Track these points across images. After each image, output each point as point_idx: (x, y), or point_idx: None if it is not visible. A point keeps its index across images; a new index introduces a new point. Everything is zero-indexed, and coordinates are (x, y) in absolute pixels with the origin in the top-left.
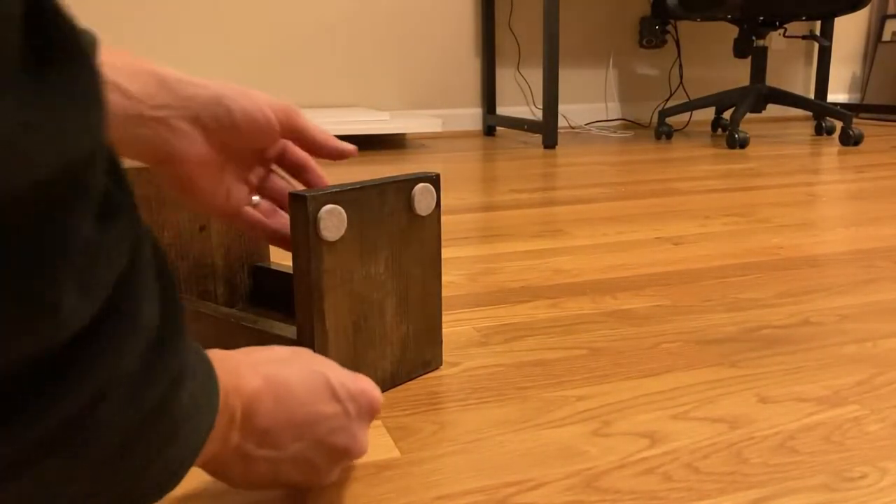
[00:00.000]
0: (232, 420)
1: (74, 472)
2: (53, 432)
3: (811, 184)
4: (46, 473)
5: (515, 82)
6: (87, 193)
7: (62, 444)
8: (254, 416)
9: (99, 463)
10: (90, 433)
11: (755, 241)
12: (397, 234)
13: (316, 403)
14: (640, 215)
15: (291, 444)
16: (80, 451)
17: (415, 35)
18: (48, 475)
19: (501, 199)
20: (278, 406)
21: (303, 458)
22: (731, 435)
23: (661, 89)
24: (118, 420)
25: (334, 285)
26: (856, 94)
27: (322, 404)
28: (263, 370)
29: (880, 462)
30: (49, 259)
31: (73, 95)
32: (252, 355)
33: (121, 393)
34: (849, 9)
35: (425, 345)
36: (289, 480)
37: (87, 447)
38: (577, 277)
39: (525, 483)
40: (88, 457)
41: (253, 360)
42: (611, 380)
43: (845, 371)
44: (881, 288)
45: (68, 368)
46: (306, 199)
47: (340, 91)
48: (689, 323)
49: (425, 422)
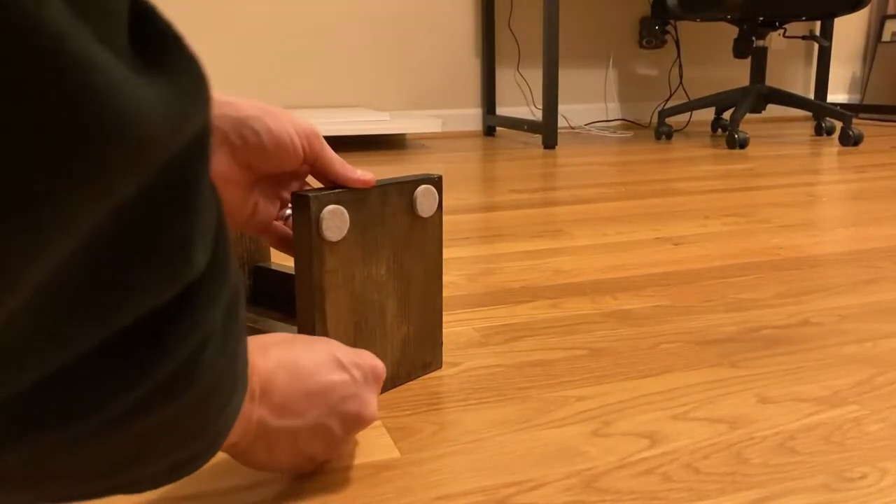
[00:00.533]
0: (252, 397)
1: (176, 419)
2: (173, 374)
3: (811, 184)
4: (158, 416)
5: (515, 82)
6: (208, 158)
7: (176, 387)
8: (271, 392)
9: (188, 411)
10: (194, 377)
11: (755, 242)
12: (399, 235)
13: (325, 374)
14: (640, 215)
15: (308, 413)
16: (182, 396)
17: (415, 35)
18: (160, 418)
19: (501, 199)
20: (292, 380)
21: (320, 425)
22: (730, 435)
23: (661, 89)
24: (211, 366)
25: (336, 286)
26: (856, 94)
27: (331, 374)
28: (272, 351)
29: (880, 462)
30: (189, 218)
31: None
32: (258, 340)
33: (214, 340)
34: (849, 9)
35: (426, 346)
36: (310, 452)
37: (190, 391)
38: (577, 278)
39: (525, 483)
40: (183, 404)
41: (260, 343)
42: (611, 380)
43: (845, 371)
44: (881, 288)
45: (185, 315)
46: (309, 199)
47: (340, 91)
48: (688, 323)
49: (425, 422)
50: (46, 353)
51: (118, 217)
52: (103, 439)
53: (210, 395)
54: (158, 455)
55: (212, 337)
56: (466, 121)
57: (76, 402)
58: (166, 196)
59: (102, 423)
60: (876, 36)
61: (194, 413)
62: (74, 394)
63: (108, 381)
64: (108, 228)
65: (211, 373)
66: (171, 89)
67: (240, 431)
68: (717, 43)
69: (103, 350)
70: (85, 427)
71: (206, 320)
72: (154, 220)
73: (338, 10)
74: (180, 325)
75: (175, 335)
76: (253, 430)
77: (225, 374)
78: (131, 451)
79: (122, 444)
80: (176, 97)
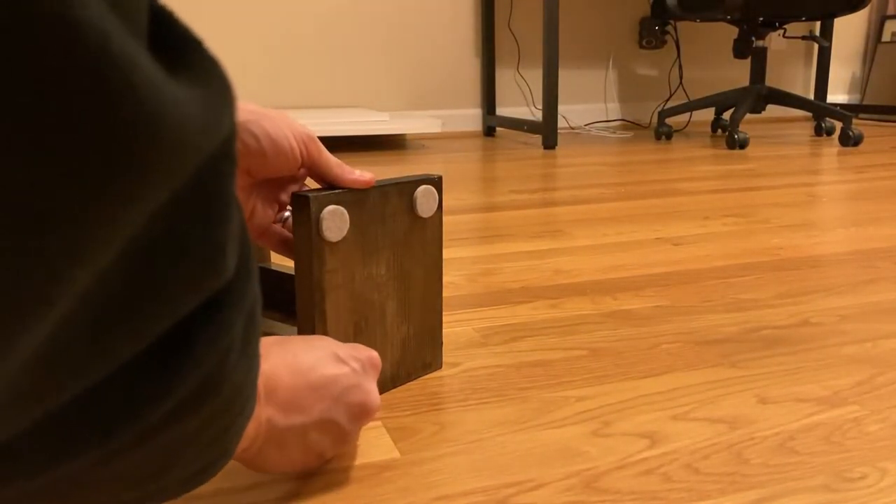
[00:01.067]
0: (258, 398)
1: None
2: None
3: (811, 184)
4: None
5: (515, 83)
6: (235, 161)
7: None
8: (276, 392)
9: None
10: (222, 382)
11: (755, 242)
12: (399, 235)
13: (325, 368)
14: (640, 216)
15: (314, 408)
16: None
17: (415, 35)
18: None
19: (501, 199)
20: (294, 377)
21: (327, 420)
22: (730, 435)
23: (661, 90)
24: (235, 371)
25: (336, 286)
26: (855, 94)
27: (331, 368)
28: (271, 350)
29: (880, 462)
30: (221, 224)
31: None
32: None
33: (237, 344)
34: (848, 9)
35: (426, 346)
36: (319, 448)
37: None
38: (577, 278)
39: (525, 483)
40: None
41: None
42: (611, 380)
43: (845, 371)
44: (881, 288)
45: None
46: (309, 199)
47: (340, 92)
48: (688, 323)
49: (425, 422)
50: (89, 365)
51: (154, 222)
52: (137, 451)
53: (233, 400)
54: (185, 462)
55: (235, 342)
56: (466, 121)
57: (116, 415)
58: (200, 200)
59: (139, 433)
60: (876, 36)
61: (219, 417)
62: (114, 406)
63: (145, 391)
64: (146, 235)
65: (235, 377)
66: (201, 92)
67: (251, 434)
68: (717, 43)
69: (139, 359)
70: (123, 439)
71: (233, 325)
72: (189, 225)
73: (338, 10)
74: (210, 330)
75: (205, 341)
76: (263, 431)
77: (246, 378)
78: (160, 461)
79: (153, 454)
80: (207, 99)
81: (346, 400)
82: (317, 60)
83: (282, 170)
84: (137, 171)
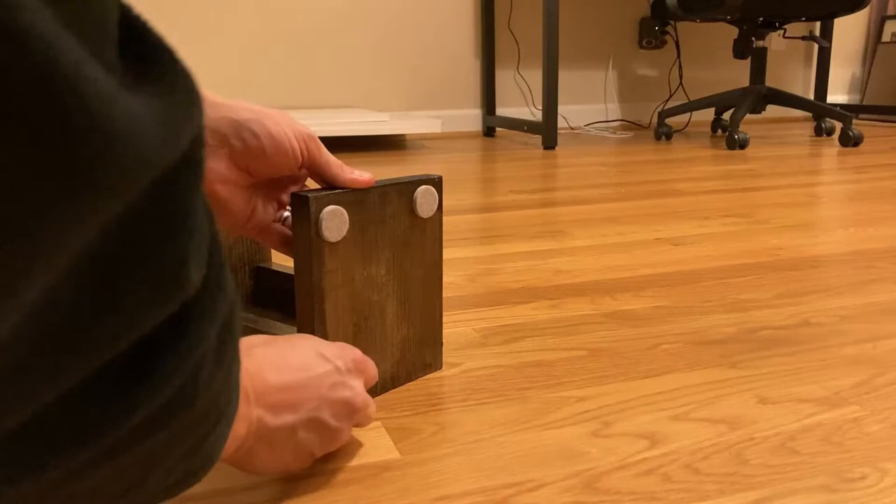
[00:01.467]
0: (247, 399)
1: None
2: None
3: (811, 185)
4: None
5: (515, 83)
6: (199, 172)
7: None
8: (264, 392)
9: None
10: (195, 393)
11: (755, 242)
12: (399, 236)
13: (311, 367)
14: (640, 216)
15: (302, 407)
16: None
17: (415, 36)
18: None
19: (501, 200)
20: (281, 377)
21: (315, 418)
22: (731, 436)
23: (661, 90)
24: (208, 384)
25: (335, 286)
26: (855, 94)
27: (316, 367)
28: (256, 351)
29: (880, 463)
30: (182, 237)
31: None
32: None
33: (210, 358)
34: (848, 9)
35: (426, 347)
36: (309, 448)
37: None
38: (577, 278)
39: (525, 484)
40: (185, 421)
41: (244, 345)
42: (611, 381)
43: (845, 372)
44: (881, 288)
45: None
46: (308, 199)
47: (340, 92)
48: (688, 324)
49: (425, 423)
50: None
51: (108, 236)
52: (114, 461)
53: (209, 411)
54: (165, 471)
55: (208, 354)
56: (466, 121)
57: (82, 428)
58: (157, 214)
59: (110, 446)
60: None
61: (195, 428)
62: (80, 419)
63: (110, 406)
64: (99, 248)
65: (209, 390)
66: (162, 104)
67: (242, 434)
68: (716, 43)
69: (105, 372)
70: (94, 451)
71: (204, 338)
72: (145, 239)
73: (337, 10)
74: (179, 344)
75: (174, 355)
76: (254, 431)
77: (222, 389)
78: (136, 472)
79: (127, 466)
80: (167, 112)
81: (333, 397)
82: (317, 61)
83: (282, 169)
84: (86, 183)
